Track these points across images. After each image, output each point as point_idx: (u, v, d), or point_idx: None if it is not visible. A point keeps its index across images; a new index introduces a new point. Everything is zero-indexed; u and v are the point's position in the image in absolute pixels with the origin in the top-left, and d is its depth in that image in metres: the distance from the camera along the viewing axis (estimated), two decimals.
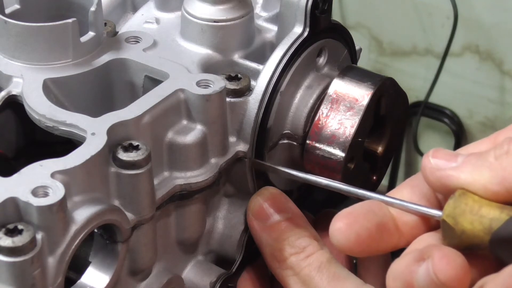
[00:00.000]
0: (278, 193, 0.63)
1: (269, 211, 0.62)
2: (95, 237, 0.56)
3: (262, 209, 0.62)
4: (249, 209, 0.63)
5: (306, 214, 0.70)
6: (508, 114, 1.95)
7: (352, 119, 0.62)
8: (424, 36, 1.91)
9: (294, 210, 0.63)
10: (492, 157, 0.54)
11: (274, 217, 0.62)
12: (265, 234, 0.61)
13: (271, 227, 0.61)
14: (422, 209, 0.57)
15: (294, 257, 0.60)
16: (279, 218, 0.62)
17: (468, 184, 0.54)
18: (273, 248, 0.61)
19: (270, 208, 0.62)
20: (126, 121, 0.55)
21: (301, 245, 0.60)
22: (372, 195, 0.59)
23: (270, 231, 0.61)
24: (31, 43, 0.59)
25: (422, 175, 0.56)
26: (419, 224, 0.58)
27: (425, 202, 0.58)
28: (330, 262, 0.59)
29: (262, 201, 0.62)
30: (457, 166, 0.55)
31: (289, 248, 0.60)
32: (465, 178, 0.54)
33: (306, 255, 0.60)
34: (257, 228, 0.62)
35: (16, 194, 0.49)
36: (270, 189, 0.63)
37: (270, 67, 0.62)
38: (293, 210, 0.62)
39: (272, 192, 0.63)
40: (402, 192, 0.59)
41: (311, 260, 0.59)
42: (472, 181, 0.54)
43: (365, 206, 0.58)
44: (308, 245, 0.60)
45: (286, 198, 0.63)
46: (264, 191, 0.63)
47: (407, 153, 2.15)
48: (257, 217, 0.62)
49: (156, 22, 0.66)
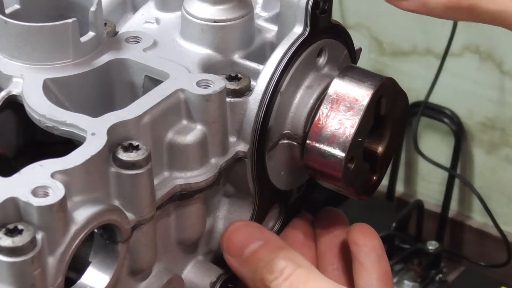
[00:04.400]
0: (245, 224, 0.62)
1: (241, 244, 0.61)
2: (95, 237, 0.56)
3: (233, 245, 0.61)
4: (223, 249, 0.62)
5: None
6: (508, 114, 1.95)
7: (352, 119, 0.62)
8: (424, 36, 1.91)
9: (266, 234, 0.62)
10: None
11: (248, 249, 0.61)
12: (243, 269, 0.61)
13: (247, 260, 0.61)
14: None
15: (274, 283, 0.59)
16: (253, 248, 0.61)
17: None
18: (254, 279, 0.60)
19: (241, 241, 0.61)
20: (126, 121, 0.55)
21: (278, 268, 0.60)
22: None
23: (247, 264, 0.61)
24: (31, 43, 0.59)
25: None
26: None
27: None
28: (307, 279, 0.59)
29: (231, 237, 0.62)
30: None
31: (268, 275, 0.60)
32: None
33: (284, 277, 0.59)
34: (235, 265, 0.62)
35: (16, 194, 0.49)
36: (236, 222, 0.63)
37: (270, 67, 0.62)
38: (265, 235, 0.62)
39: (238, 225, 0.62)
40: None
41: (291, 280, 0.59)
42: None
43: None
44: (285, 267, 0.60)
45: (256, 225, 0.63)
46: (230, 226, 0.62)
47: (407, 153, 2.15)
48: (232, 254, 0.62)
49: (156, 22, 0.66)
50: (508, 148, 2.00)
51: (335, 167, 0.63)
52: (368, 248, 0.65)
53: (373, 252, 0.65)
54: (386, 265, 0.65)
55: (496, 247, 2.04)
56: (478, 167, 2.07)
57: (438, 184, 2.12)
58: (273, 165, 0.64)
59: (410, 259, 1.99)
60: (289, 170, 0.66)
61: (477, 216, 2.13)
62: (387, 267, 0.66)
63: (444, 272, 2.01)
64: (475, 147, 2.05)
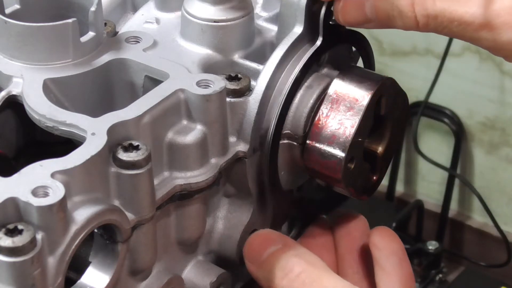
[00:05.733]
0: (265, 231, 0.63)
1: (259, 248, 0.62)
2: (95, 237, 0.56)
3: (252, 250, 0.62)
4: (244, 257, 0.63)
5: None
6: (508, 114, 1.95)
7: (352, 119, 0.62)
8: (424, 36, 1.91)
9: (285, 239, 0.63)
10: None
11: (265, 253, 0.61)
12: (260, 272, 0.61)
13: (264, 262, 0.61)
14: None
15: (286, 280, 0.60)
16: (270, 251, 0.61)
17: None
18: (269, 280, 0.61)
19: (259, 246, 0.62)
20: (126, 121, 0.55)
21: (288, 266, 0.60)
22: None
23: (264, 265, 0.61)
24: (31, 43, 0.59)
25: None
26: None
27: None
28: (321, 277, 0.59)
29: (251, 243, 0.62)
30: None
31: (280, 273, 0.60)
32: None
33: (295, 274, 0.60)
34: (253, 269, 0.62)
35: (16, 194, 0.49)
36: (259, 231, 0.63)
37: (270, 67, 0.62)
38: (283, 240, 0.62)
39: (259, 232, 0.63)
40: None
41: (303, 278, 0.59)
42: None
43: None
44: (295, 265, 0.60)
45: (275, 233, 0.63)
46: (252, 234, 0.63)
47: (407, 153, 2.15)
48: (250, 259, 0.62)
49: (156, 22, 0.66)
50: (508, 148, 2.00)
51: (335, 167, 0.63)
52: (389, 252, 0.64)
53: (395, 256, 0.64)
54: (408, 268, 0.65)
55: (496, 247, 2.04)
56: (478, 167, 2.07)
57: (438, 184, 2.12)
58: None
59: (410, 259, 1.98)
60: (289, 170, 0.66)
61: (477, 216, 2.13)
62: (409, 271, 0.65)
63: (444, 272, 2.01)
64: (475, 147, 2.05)
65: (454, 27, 0.57)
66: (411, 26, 0.58)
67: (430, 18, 0.57)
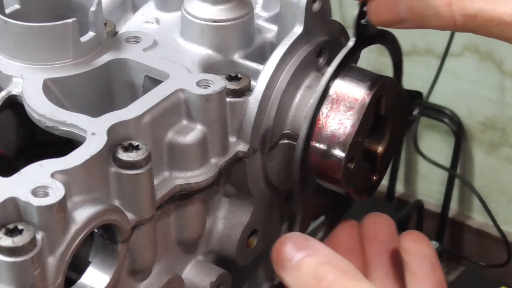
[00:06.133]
0: (293, 235, 0.61)
1: (288, 255, 0.59)
2: (95, 237, 0.56)
3: (281, 256, 0.59)
4: (272, 261, 0.60)
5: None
6: (508, 114, 1.95)
7: (352, 119, 0.62)
8: (424, 36, 1.91)
9: (314, 244, 0.60)
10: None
11: (295, 259, 0.59)
12: (291, 279, 0.59)
13: (294, 269, 0.59)
14: None
15: None
16: (299, 257, 0.59)
17: None
18: (300, 287, 0.58)
19: (288, 252, 0.59)
20: (126, 121, 0.55)
21: (320, 274, 0.57)
22: None
23: (294, 272, 0.59)
24: (31, 43, 0.59)
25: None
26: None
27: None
28: (354, 285, 0.57)
29: (279, 249, 0.60)
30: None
31: (312, 281, 0.57)
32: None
33: (328, 282, 0.57)
34: (283, 275, 0.59)
35: (16, 194, 0.49)
36: (289, 234, 0.61)
37: (270, 67, 0.62)
38: (312, 245, 0.60)
39: (286, 236, 0.61)
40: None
41: (336, 286, 0.57)
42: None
43: None
44: (327, 272, 0.57)
45: (303, 236, 0.61)
46: (279, 239, 0.61)
47: (407, 153, 2.15)
48: (279, 265, 0.59)
49: (156, 22, 0.66)
50: (508, 148, 2.00)
51: (335, 167, 0.63)
52: (421, 257, 0.63)
53: (427, 261, 0.63)
54: (440, 274, 0.63)
55: (496, 247, 2.03)
56: (478, 167, 2.07)
57: (438, 184, 2.12)
58: (273, 165, 0.64)
59: None
60: (289, 170, 0.66)
61: (477, 216, 2.13)
62: (442, 276, 0.63)
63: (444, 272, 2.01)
64: (475, 147, 2.05)
65: (493, 27, 0.55)
66: (447, 26, 0.57)
67: (468, 18, 0.56)
